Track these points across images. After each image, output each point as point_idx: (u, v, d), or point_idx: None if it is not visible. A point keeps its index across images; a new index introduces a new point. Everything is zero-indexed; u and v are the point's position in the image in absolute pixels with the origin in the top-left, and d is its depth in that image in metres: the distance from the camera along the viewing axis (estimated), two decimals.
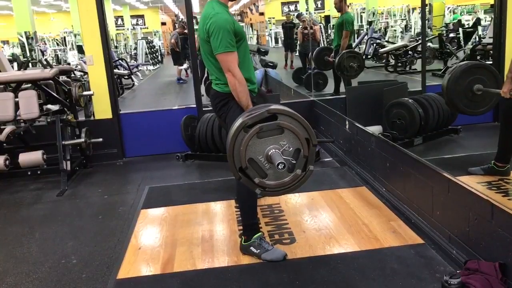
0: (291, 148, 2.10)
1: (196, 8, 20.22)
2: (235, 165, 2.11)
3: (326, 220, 3.03)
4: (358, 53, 6.73)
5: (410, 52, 9.86)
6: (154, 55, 17.46)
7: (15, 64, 9.63)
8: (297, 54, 11.32)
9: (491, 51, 6.73)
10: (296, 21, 11.79)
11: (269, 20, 23.60)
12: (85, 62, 6.97)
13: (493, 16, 5.38)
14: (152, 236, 3.00)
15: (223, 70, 2.50)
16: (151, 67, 16.30)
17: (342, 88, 6.60)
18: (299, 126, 2.10)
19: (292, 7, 22.91)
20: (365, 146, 3.69)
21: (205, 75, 7.50)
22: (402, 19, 14.92)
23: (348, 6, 6.87)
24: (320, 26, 11.45)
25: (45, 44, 16.71)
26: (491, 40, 6.73)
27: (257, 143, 2.09)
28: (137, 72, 13.26)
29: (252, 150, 2.09)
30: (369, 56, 11.44)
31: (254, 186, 2.15)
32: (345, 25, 6.67)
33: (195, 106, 4.90)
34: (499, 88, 3.27)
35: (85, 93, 4.95)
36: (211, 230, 3.01)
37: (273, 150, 2.07)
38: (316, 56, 7.47)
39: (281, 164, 1.99)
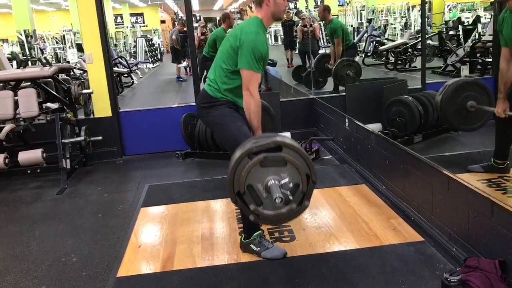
0: (291, 183, 2.13)
1: (195, 6, 20.19)
2: (234, 188, 2.15)
3: (326, 218, 3.03)
4: (354, 61, 6.77)
5: (409, 50, 9.85)
6: (153, 53, 17.44)
7: (14, 62, 9.60)
8: (297, 52, 11.31)
9: (491, 49, 6.73)
10: (295, 18, 11.76)
11: None
12: (84, 60, 6.96)
13: (492, 14, 5.39)
14: (152, 234, 3.00)
15: (242, 86, 2.54)
16: (150, 65, 16.28)
17: (341, 86, 6.61)
18: (302, 161, 2.14)
19: (292, 5, 22.87)
20: (365, 144, 3.69)
21: (204, 74, 7.51)
22: (402, 17, 14.90)
23: (331, 14, 7.00)
24: (320, 24, 11.41)
25: (45, 42, 16.68)
26: (490, 38, 6.73)
27: (258, 171, 2.12)
28: (136, 70, 13.25)
29: (253, 177, 2.13)
30: (368, 54, 11.42)
31: (248, 212, 2.19)
32: (334, 33, 6.76)
33: (194, 104, 4.88)
34: (491, 102, 3.32)
35: (85, 91, 4.95)
36: (211, 228, 3.02)
37: (273, 181, 2.10)
38: (316, 63, 7.53)
39: (278, 199, 2.03)
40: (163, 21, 27.76)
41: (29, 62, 9.88)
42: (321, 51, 11.40)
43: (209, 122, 2.74)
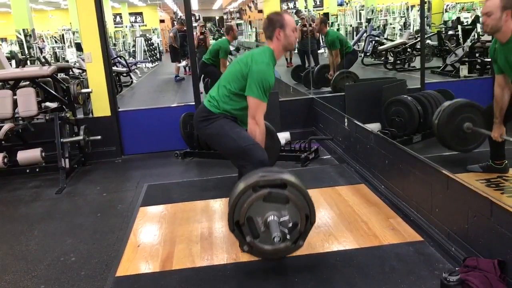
0: (290, 222, 2.19)
1: (194, 5, 20.18)
2: (233, 218, 2.21)
3: (325, 217, 3.03)
4: (352, 73, 6.82)
5: (409, 50, 9.85)
6: (152, 52, 17.42)
7: (13, 61, 9.60)
8: (296, 51, 11.29)
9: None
10: (295, 18, 11.75)
11: None
12: (83, 60, 6.95)
13: None
14: (151, 234, 3.00)
15: (248, 113, 2.62)
16: (149, 65, 16.27)
17: None
18: (304, 201, 2.21)
19: (291, 5, 22.85)
20: (364, 144, 3.69)
21: (206, 80, 7.56)
22: (401, 17, 14.88)
23: (327, 27, 7.18)
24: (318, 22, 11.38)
25: (43, 41, 16.64)
26: (489, 38, 6.73)
27: (260, 205, 2.18)
28: (135, 70, 13.23)
29: (253, 210, 2.19)
30: (368, 54, 11.42)
31: (243, 242, 2.26)
32: (332, 46, 6.86)
33: (194, 103, 4.89)
34: (487, 124, 3.42)
35: (84, 90, 4.94)
36: (210, 228, 3.01)
37: (273, 217, 2.17)
38: (317, 74, 7.56)
39: (277, 238, 2.09)
40: (162, 21, 27.72)
41: (28, 61, 9.86)
42: (321, 50, 11.42)
43: (207, 135, 2.79)
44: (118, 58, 11.54)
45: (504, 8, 2.87)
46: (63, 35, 16.27)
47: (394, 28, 14.16)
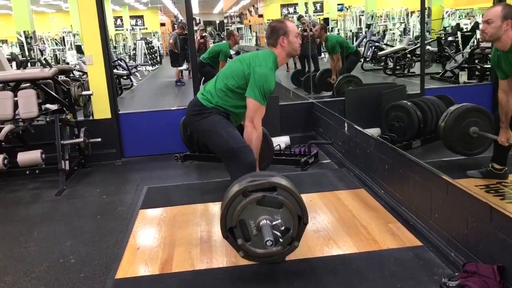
0: (283, 226, 2.20)
1: (195, 9, 20.23)
2: (226, 225, 2.22)
3: (324, 221, 3.03)
4: (354, 76, 6.85)
5: (408, 55, 9.89)
6: (153, 55, 17.45)
7: (14, 63, 9.60)
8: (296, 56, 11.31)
9: (489, 55, 6.75)
10: (296, 23, 11.79)
11: (268, 22, 23.58)
12: (84, 62, 6.97)
13: None
14: (151, 236, 3.00)
15: (246, 116, 2.62)
16: (150, 68, 16.30)
17: None
18: (295, 202, 2.22)
19: (291, 9, 22.93)
20: (364, 148, 3.70)
21: (203, 79, 7.57)
22: (401, 22, 14.94)
23: (327, 32, 7.38)
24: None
25: (44, 43, 16.67)
26: (489, 44, 6.76)
27: (253, 208, 2.19)
28: (136, 73, 13.25)
29: (246, 213, 2.19)
30: (367, 59, 11.45)
31: (237, 247, 2.26)
32: (332, 50, 6.92)
33: None
34: (492, 125, 3.46)
35: (84, 92, 4.95)
36: (210, 231, 3.01)
37: (265, 221, 2.17)
38: (319, 78, 7.59)
39: (269, 242, 2.09)
40: (163, 24, 27.79)
41: (29, 63, 9.87)
42: (321, 56, 11.45)
43: (198, 129, 2.79)
44: (119, 61, 11.56)
45: (505, 17, 2.90)
46: (63, 37, 16.31)
47: (394, 33, 14.21)
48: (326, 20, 17.41)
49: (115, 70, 9.39)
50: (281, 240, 2.18)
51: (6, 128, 4.12)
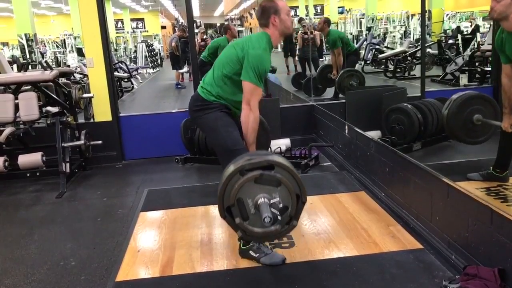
0: (281, 204, 2.16)
1: (196, 12, 20.27)
2: (223, 204, 2.18)
3: (325, 224, 3.03)
4: (357, 71, 6.84)
5: (409, 58, 9.90)
6: (153, 58, 17.47)
7: (14, 66, 9.61)
8: (297, 59, 11.33)
9: (490, 58, 6.77)
10: (298, 25, 11.81)
11: None
12: (85, 65, 6.98)
13: (491, 23, 5.42)
14: (151, 239, 3.00)
15: (243, 99, 2.57)
16: (150, 70, 16.31)
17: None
18: (293, 181, 2.18)
19: (292, 12, 22.96)
20: (364, 151, 3.70)
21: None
22: (401, 25, 14.97)
23: (329, 26, 7.34)
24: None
25: (45, 46, 16.71)
26: (489, 47, 6.77)
27: (251, 187, 2.15)
28: (136, 75, 13.27)
29: (244, 191, 2.15)
30: (368, 62, 11.47)
31: (235, 227, 2.21)
32: (333, 45, 6.91)
33: None
34: (497, 114, 3.34)
35: (85, 95, 4.96)
36: (210, 233, 3.01)
37: (263, 199, 2.13)
38: (319, 74, 7.58)
39: (267, 218, 2.05)
40: (163, 27, 27.86)
41: (30, 66, 9.88)
42: (322, 58, 11.46)
43: (201, 125, 2.78)
44: (120, 64, 11.58)
45: None
46: (64, 40, 16.35)
47: (394, 36, 14.23)
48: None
49: (116, 73, 9.40)
50: (279, 218, 2.14)
51: (7, 131, 4.13)
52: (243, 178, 2.13)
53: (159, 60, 18.66)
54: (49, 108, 4.69)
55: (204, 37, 10.71)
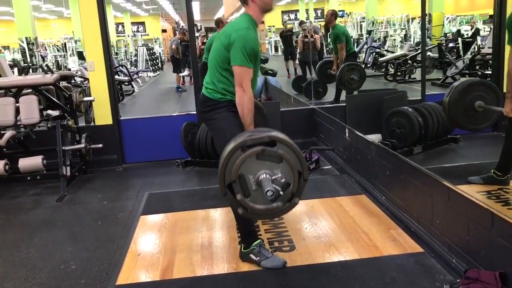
0: (283, 180, 2.11)
1: (196, 15, 20.32)
2: (225, 180, 2.12)
3: (325, 228, 3.03)
4: (358, 64, 6.80)
5: (409, 62, 9.90)
6: (154, 61, 17.51)
7: (15, 69, 9.64)
8: (298, 62, 11.34)
9: (490, 61, 6.77)
10: (297, 29, 11.83)
11: (269, 29, 23.69)
12: (85, 68, 6.98)
13: (492, 27, 5.43)
14: (152, 242, 3.00)
15: (235, 82, 2.52)
16: (151, 74, 16.34)
17: (342, 96, 6.65)
18: (295, 157, 2.12)
19: (292, 16, 23.05)
20: (365, 154, 3.70)
21: None
22: (402, 29, 15.00)
23: (336, 20, 7.19)
24: (321, 34, 11.45)
25: (46, 50, 16.75)
26: (490, 50, 6.77)
27: (252, 162, 2.10)
28: (137, 79, 13.29)
29: (245, 167, 2.09)
30: (368, 65, 11.48)
31: (237, 204, 2.16)
32: (337, 38, 6.86)
33: (195, 112, 4.91)
34: (499, 103, 3.29)
35: (86, 98, 4.96)
36: (211, 237, 3.01)
37: (265, 175, 2.08)
38: (319, 69, 7.56)
39: (270, 192, 2.00)
40: (164, 30, 27.89)
41: (30, 70, 9.90)
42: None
43: (210, 126, 2.76)
44: (120, 67, 11.60)
45: None
46: (65, 43, 16.39)
47: (394, 40, 14.26)
48: (327, 26, 17.44)
49: (116, 76, 9.42)
50: (281, 193, 2.09)
51: (7, 134, 4.14)
52: (245, 154, 2.07)
53: (159, 64, 18.69)
54: (49, 111, 4.70)
55: (205, 40, 10.70)
